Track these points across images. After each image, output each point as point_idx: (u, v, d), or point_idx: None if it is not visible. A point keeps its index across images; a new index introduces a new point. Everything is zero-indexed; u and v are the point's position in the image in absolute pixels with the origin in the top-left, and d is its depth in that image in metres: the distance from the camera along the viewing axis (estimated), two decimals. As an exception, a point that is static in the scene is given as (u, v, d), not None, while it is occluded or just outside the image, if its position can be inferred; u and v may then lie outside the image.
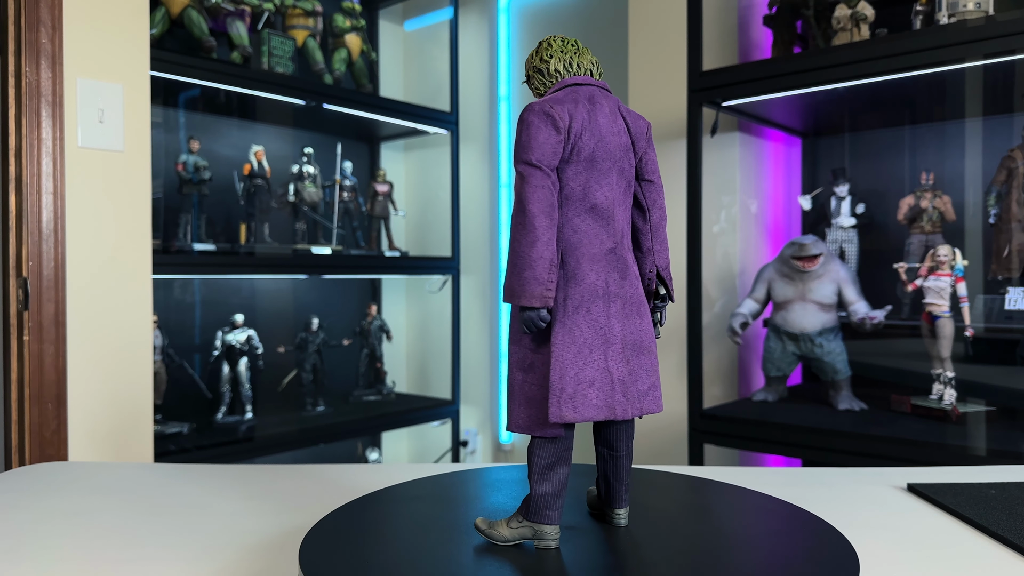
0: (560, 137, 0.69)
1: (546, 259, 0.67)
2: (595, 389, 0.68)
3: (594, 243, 0.70)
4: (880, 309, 1.85)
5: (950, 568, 0.73)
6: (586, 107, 0.70)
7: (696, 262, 1.89)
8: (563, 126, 0.69)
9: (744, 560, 0.68)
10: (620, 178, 0.72)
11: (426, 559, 0.66)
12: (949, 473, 1.08)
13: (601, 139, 0.70)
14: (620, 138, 0.71)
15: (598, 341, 0.69)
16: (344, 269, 2.58)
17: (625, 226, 0.72)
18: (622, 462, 0.73)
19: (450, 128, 2.87)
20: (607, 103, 0.72)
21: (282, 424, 2.33)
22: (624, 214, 0.72)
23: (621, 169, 0.72)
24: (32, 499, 0.97)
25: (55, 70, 1.59)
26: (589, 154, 0.69)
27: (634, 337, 0.70)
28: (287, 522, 0.86)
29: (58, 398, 1.60)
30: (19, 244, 1.57)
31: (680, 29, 2.00)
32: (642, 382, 0.70)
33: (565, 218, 0.70)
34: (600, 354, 0.68)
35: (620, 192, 0.72)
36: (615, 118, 0.72)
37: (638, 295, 0.72)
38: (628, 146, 0.72)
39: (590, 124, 0.70)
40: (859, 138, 2.24)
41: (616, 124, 0.71)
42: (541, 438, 0.69)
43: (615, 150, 0.71)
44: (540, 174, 0.68)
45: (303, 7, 2.48)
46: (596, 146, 0.70)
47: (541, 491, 0.69)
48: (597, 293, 0.69)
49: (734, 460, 2.15)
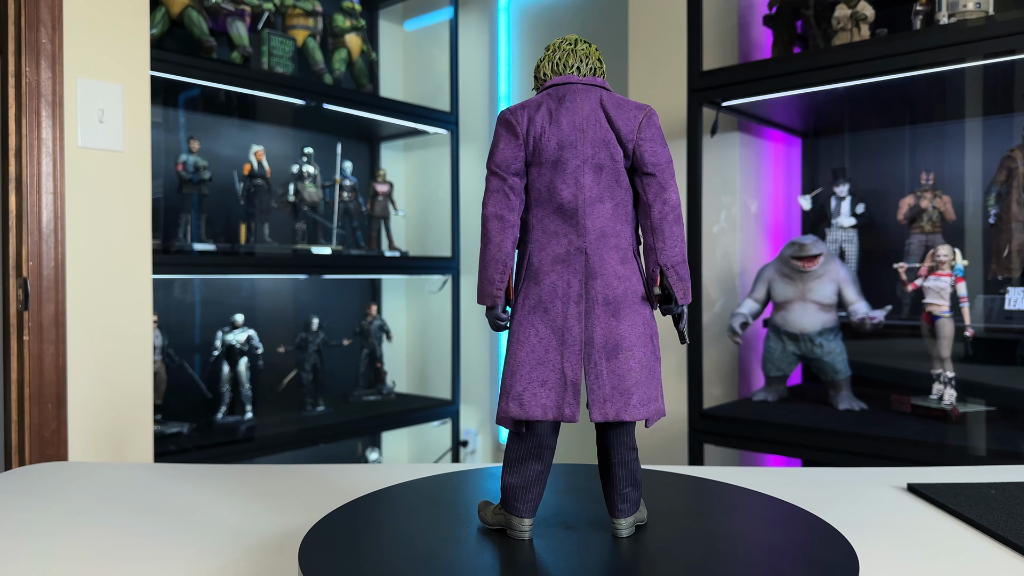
0: (519, 142, 0.71)
1: (497, 260, 0.70)
2: (546, 389, 0.68)
3: (560, 243, 0.70)
4: (880, 309, 1.85)
5: (950, 568, 0.73)
6: (551, 108, 0.71)
7: (696, 262, 1.89)
8: (520, 131, 0.71)
9: (744, 560, 0.68)
10: (598, 175, 0.70)
11: (426, 559, 0.66)
12: (949, 473, 1.08)
13: (565, 138, 0.70)
14: (596, 133, 0.70)
15: (554, 341, 0.69)
16: (344, 269, 2.58)
17: (608, 224, 0.70)
18: (615, 471, 0.70)
19: (450, 128, 2.87)
20: (586, 99, 0.71)
21: (282, 424, 2.33)
22: (605, 211, 0.70)
23: (599, 166, 0.70)
24: (32, 499, 0.97)
25: (55, 70, 1.59)
26: (552, 154, 0.70)
27: (606, 339, 0.68)
28: (287, 522, 0.86)
29: (58, 398, 1.60)
30: (19, 244, 1.57)
31: (680, 29, 2.00)
32: (612, 386, 0.68)
33: (536, 219, 0.71)
34: (555, 354, 0.69)
35: (598, 190, 0.70)
36: (593, 113, 0.70)
37: (618, 296, 0.69)
38: (609, 140, 0.70)
39: (551, 125, 0.70)
40: (859, 138, 2.24)
41: (592, 119, 0.70)
42: (512, 432, 0.71)
43: (587, 147, 0.70)
44: (495, 179, 0.71)
45: (303, 7, 2.48)
46: (559, 146, 0.70)
47: (508, 483, 0.71)
48: (557, 293, 0.69)
49: (734, 460, 2.15)
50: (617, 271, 0.70)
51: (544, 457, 0.71)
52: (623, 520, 0.70)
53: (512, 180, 0.71)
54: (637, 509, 0.72)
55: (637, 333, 0.69)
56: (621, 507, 0.70)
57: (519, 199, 0.72)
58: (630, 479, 0.70)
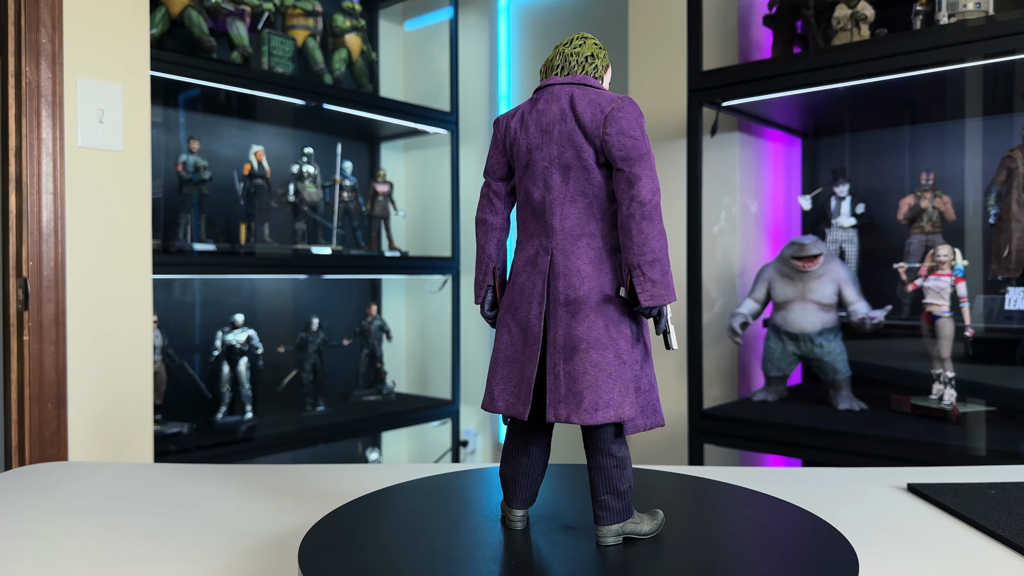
0: (500, 148, 0.74)
1: (481, 261, 0.76)
2: (511, 386, 0.71)
3: (532, 244, 0.72)
4: (880, 309, 1.85)
5: (950, 568, 0.73)
6: (525, 111, 0.73)
7: (696, 262, 1.89)
8: (500, 137, 0.74)
9: (744, 560, 0.68)
10: (566, 175, 0.70)
11: (426, 559, 0.66)
12: (949, 473, 1.08)
13: (532, 141, 0.71)
14: (562, 133, 0.70)
15: (520, 340, 0.71)
16: (344, 269, 2.58)
17: (578, 223, 0.69)
18: (591, 476, 0.69)
19: (450, 128, 2.87)
20: (557, 99, 0.71)
21: (282, 424, 2.33)
22: (575, 211, 0.69)
23: (566, 165, 0.70)
24: (32, 499, 0.97)
25: (55, 70, 1.59)
26: (523, 158, 0.72)
27: (566, 340, 0.68)
28: (287, 522, 0.86)
29: (58, 398, 1.60)
30: (19, 244, 1.57)
31: (680, 29, 2.00)
32: (567, 388, 0.67)
33: (519, 222, 0.74)
34: (521, 353, 0.71)
35: (567, 189, 0.70)
36: (561, 113, 0.70)
37: (580, 296, 0.68)
38: (575, 139, 0.69)
39: (521, 129, 0.72)
40: (859, 138, 2.24)
41: (559, 119, 0.70)
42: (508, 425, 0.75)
43: (553, 147, 0.70)
44: (483, 185, 0.76)
45: (303, 7, 2.48)
46: (528, 149, 0.72)
47: (501, 472, 0.74)
48: (524, 293, 0.71)
49: (734, 460, 2.15)
50: (583, 271, 0.69)
51: (530, 452, 0.72)
52: (603, 528, 0.69)
53: (496, 185, 0.75)
54: (622, 519, 0.69)
55: (597, 335, 0.67)
56: (599, 514, 0.69)
57: (503, 203, 0.75)
58: (607, 487, 0.68)
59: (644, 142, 0.68)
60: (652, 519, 0.71)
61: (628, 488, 0.69)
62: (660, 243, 0.67)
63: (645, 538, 0.70)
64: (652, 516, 0.72)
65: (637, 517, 0.70)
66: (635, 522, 0.70)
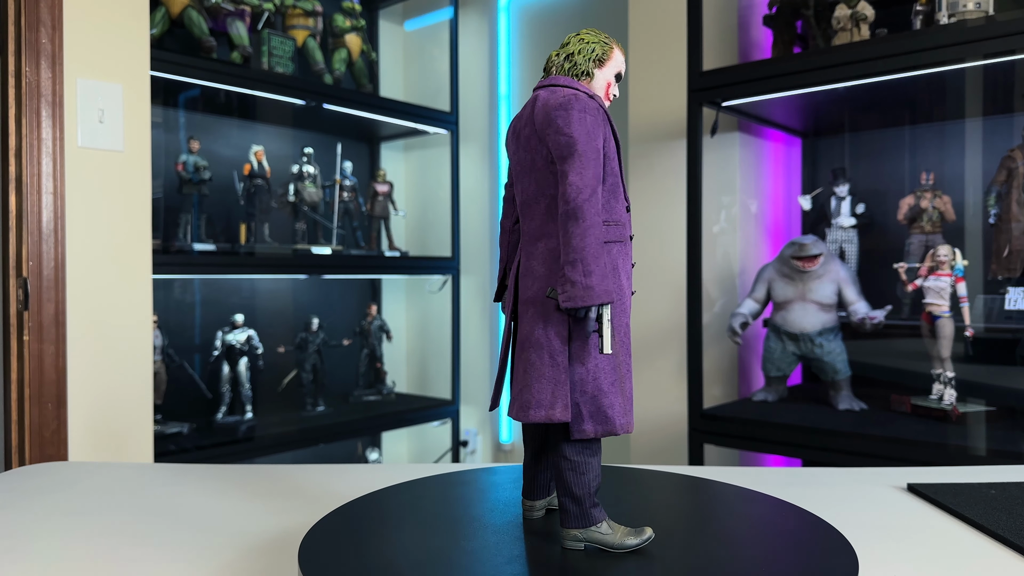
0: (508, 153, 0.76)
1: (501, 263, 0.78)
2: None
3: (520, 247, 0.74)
4: (880, 309, 1.84)
5: (950, 568, 0.73)
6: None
7: (696, 262, 1.89)
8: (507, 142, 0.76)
9: (744, 560, 0.68)
10: (532, 177, 0.70)
11: (426, 559, 0.66)
12: (949, 473, 1.08)
13: (510, 144, 0.74)
14: (526, 135, 0.71)
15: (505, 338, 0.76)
16: (344, 269, 2.58)
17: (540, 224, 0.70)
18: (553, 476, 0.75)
19: (450, 128, 2.86)
20: (531, 102, 0.72)
21: (282, 424, 2.33)
22: (539, 212, 0.70)
23: (531, 167, 0.70)
24: (32, 499, 0.97)
25: (55, 70, 1.59)
26: (511, 162, 0.75)
27: (521, 338, 0.71)
28: (287, 522, 0.86)
29: (58, 398, 1.60)
30: (19, 244, 1.57)
31: (680, 29, 2.00)
32: (513, 386, 0.70)
33: None
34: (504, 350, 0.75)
35: (534, 191, 0.70)
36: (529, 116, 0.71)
37: (529, 297, 0.70)
38: (532, 141, 0.70)
39: (511, 133, 0.74)
40: (859, 138, 2.24)
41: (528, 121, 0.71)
42: None
43: (521, 151, 0.72)
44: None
45: (303, 7, 2.48)
46: (510, 153, 0.74)
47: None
48: (509, 293, 0.75)
49: (734, 460, 2.15)
50: (536, 271, 0.69)
51: (528, 445, 0.77)
52: (563, 530, 0.68)
53: (508, 191, 0.77)
54: (580, 525, 0.67)
55: (536, 335, 0.68)
56: (560, 515, 0.69)
57: (512, 207, 0.77)
58: (564, 490, 0.68)
59: (579, 140, 0.66)
60: (636, 535, 0.67)
61: (586, 495, 0.67)
62: (582, 243, 0.64)
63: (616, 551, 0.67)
64: (637, 532, 0.67)
65: (608, 528, 0.67)
66: (602, 532, 0.67)
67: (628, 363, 0.70)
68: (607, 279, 0.65)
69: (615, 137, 0.70)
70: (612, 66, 0.74)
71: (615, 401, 0.67)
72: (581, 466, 0.67)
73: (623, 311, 0.70)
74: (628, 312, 0.71)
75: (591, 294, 0.64)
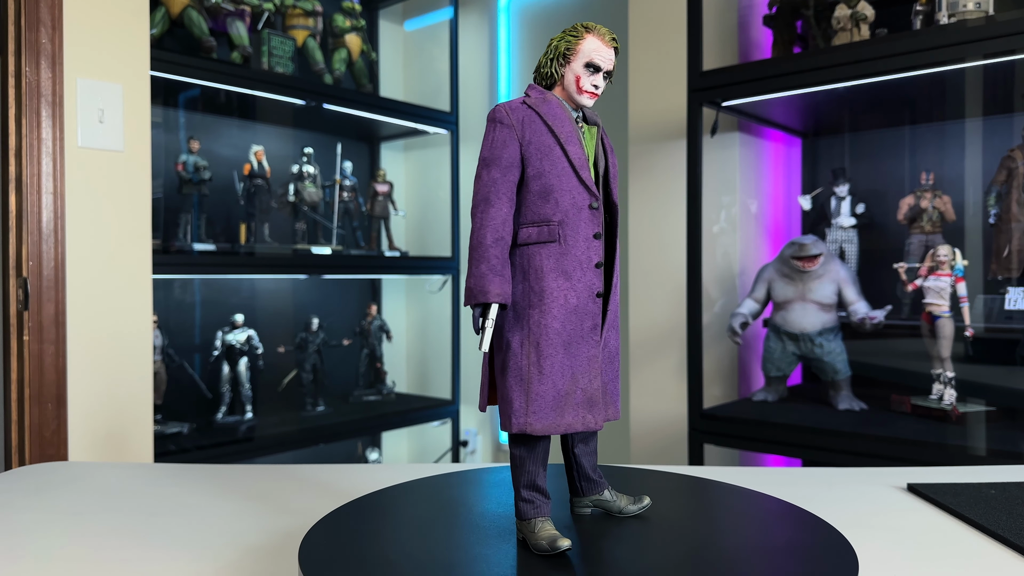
0: None
1: None
2: None
3: None
4: (880, 309, 1.84)
5: (950, 568, 0.73)
6: None
7: (696, 262, 1.89)
8: None
9: (744, 560, 0.68)
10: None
11: (426, 559, 0.66)
12: (949, 473, 1.08)
13: None
14: None
15: None
16: (344, 269, 2.58)
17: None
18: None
19: (450, 128, 2.86)
20: None
21: (282, 424, 2.33)
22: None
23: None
24: (32, 499, 0.97)
25: (55, 70, 1.59)
26: None
27: None
28: (287, 522, 0.86)
29: (58, 398, 1.60)
30: (19, 244, 1.57)
31: (680, 29, 2.00)
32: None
33: None
34: None
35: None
36: None
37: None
38: None
39: None
40: (859, 138, 2.24)
41: None
42: None
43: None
44: None
45: (303, 7, 2.48)
46: None
47: None
48: None
49: (734, 460, 2.15)
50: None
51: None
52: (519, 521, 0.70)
53: None
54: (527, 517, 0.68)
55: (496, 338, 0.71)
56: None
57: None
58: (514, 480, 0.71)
59: (482, 150, 0.71)
60: (550, 542, 0.66)
61: (523, 488, 0.69)
62: (473, 242, 0.69)
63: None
64: (551, 540, 0.66)
65: (537, 525, 0.67)
66: (529, 530, 0.68)
67: (559, 363, 0.69)
68: (486, 281, 0.67)
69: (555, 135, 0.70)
70: (580, 57, 0.72)
71: (516, 400, 0.69)
72: (515, 459, 0.71)
73: (544, 312, 0.68)
74: (559, 315, 0.68)
75: (468, 294, 0.68)
